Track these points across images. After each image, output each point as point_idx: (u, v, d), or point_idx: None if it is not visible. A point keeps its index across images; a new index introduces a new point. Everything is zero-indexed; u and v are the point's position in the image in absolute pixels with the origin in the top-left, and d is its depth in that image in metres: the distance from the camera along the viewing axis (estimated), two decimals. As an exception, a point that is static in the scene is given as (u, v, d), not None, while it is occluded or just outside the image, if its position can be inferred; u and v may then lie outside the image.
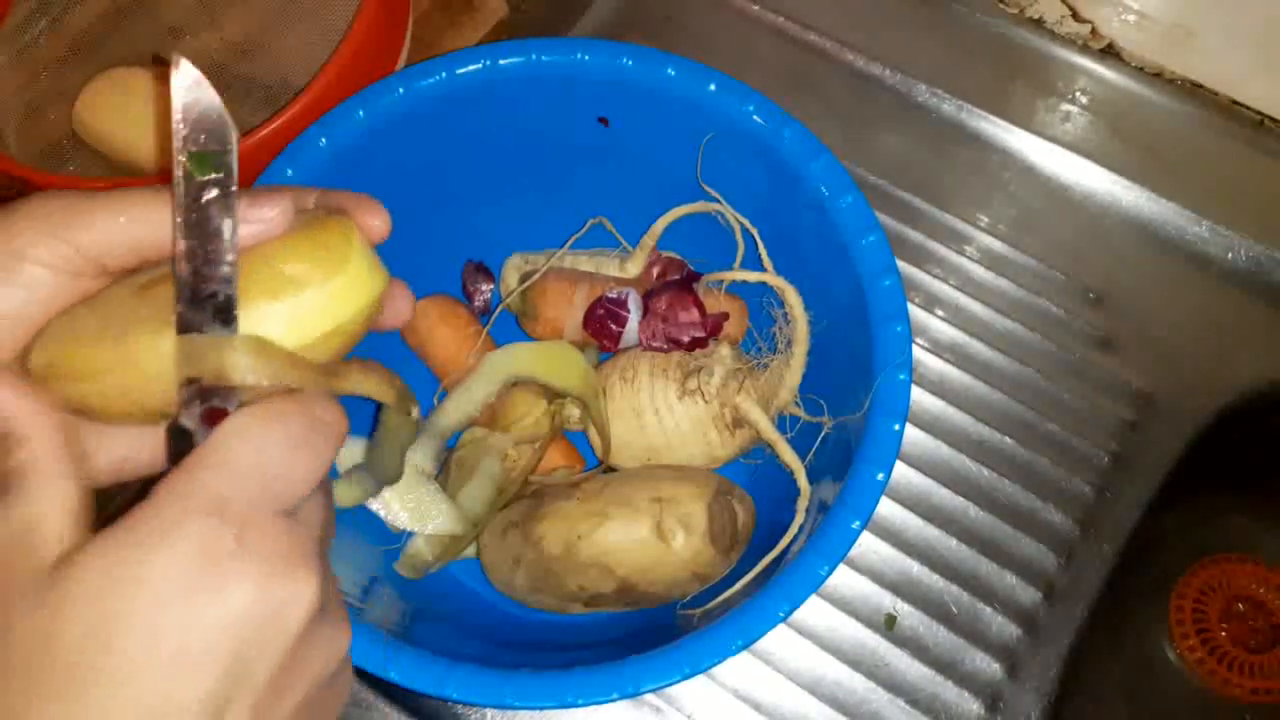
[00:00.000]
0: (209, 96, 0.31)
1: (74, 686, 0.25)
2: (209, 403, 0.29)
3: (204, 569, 0.26)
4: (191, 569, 0.26)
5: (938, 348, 0.64)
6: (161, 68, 0.59)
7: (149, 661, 0.26)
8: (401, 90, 0.50)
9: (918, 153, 0.69)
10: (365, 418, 0.55)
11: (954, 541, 0.60)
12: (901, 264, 0.65)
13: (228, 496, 0.28)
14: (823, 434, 0.49)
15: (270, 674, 0.28)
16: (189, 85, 0.31)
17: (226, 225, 0.30)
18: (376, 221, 0.35)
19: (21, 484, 0.27)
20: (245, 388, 0.30)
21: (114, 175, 0.60)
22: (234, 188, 0.30)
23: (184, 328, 0.29)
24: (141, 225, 0.30)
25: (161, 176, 0.56)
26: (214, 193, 0.30)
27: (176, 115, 0.30)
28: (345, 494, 0.51)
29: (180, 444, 0.29)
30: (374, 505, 0.54)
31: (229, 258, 0.30)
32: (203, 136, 0.30)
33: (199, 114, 0.30)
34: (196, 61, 0.32)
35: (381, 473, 0.42)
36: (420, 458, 0.55)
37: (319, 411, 0.30)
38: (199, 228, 0.30)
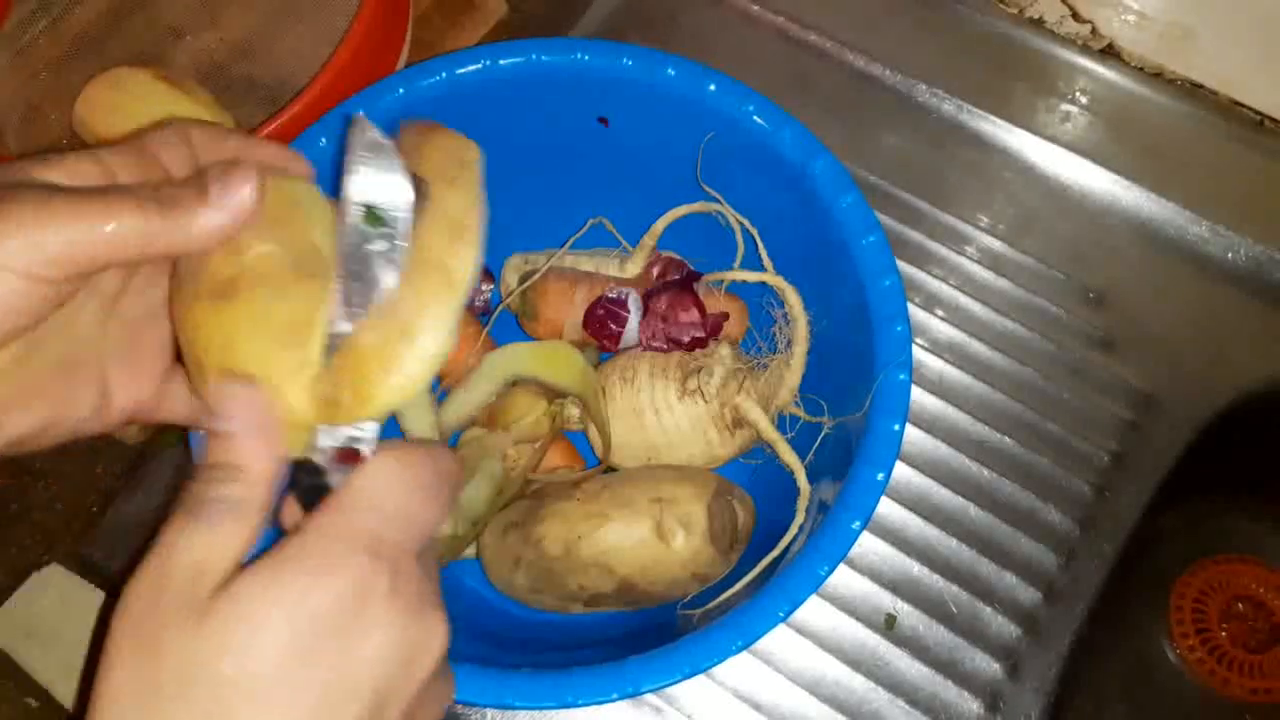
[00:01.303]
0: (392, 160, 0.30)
1: (222, 711, 0.26)
2: (343, 444, 0.30)
3: (359, 606, 0.27)
4: (347, 605, 0.27)
5: (938, 348, 0.64)
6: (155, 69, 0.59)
7: (298, 693, 0.27)
8: (401, 90, 0.50)
9: (918, 153, 0.69)
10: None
11: (954, 541, 0.60)
12: (901, 264, 0.65)
13: (382, 537, 0.29)
14: (823, 434, 0.49)
15: (401, 711, 0.29)
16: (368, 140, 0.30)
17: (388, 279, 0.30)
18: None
19: (219, 517, 0.28)
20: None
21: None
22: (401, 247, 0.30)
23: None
24: (94, 238, 0.29)
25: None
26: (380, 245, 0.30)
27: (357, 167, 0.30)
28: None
29: (311, 479, 0.30)
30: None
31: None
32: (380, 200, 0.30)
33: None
34: (196, 61, 0.32)
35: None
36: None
37: (445, 461, 0.32)
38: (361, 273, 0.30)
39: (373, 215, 0.30)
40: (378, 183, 0.30)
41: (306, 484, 0.30)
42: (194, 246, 0.30)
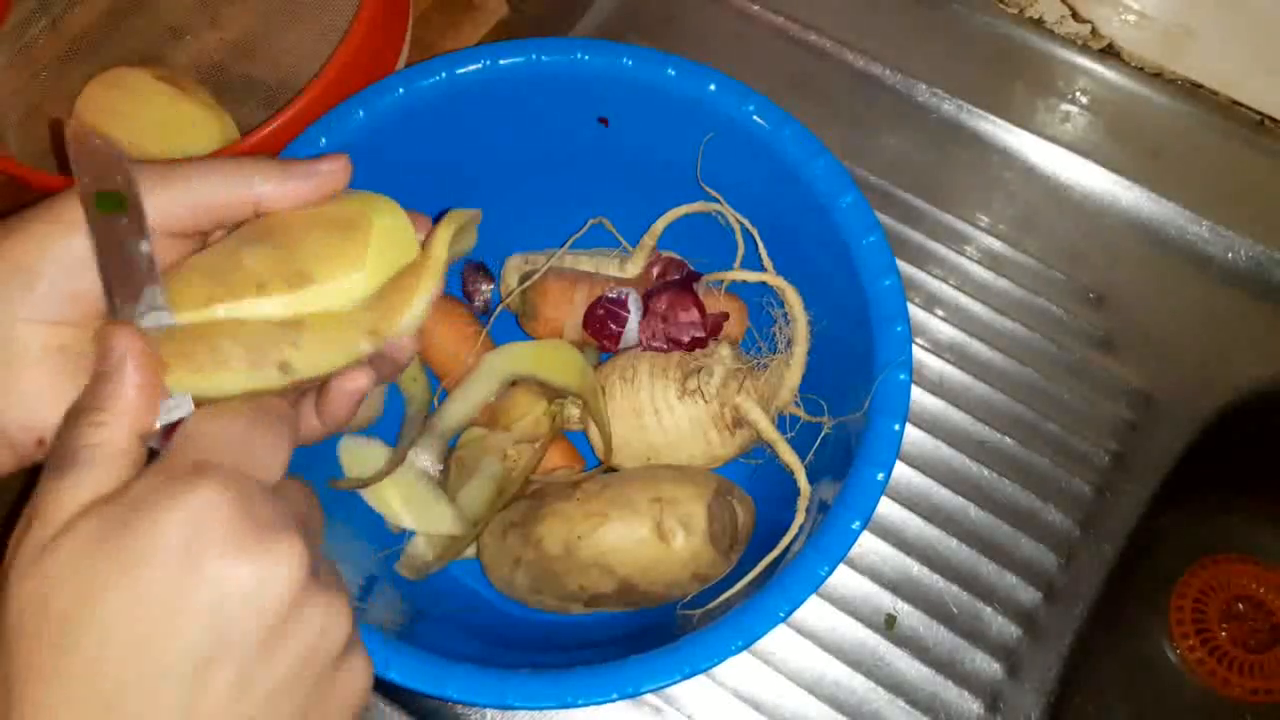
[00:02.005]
0: (98, 141, 0.33)
1: (62, 647, 0.26)
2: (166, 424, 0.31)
3: (190, 533, 0.27)
4: (176, 533, 0.27)
5: (938, 348, 0.64)
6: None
7: (134, 620, 0.26)
8: (401, 90, 0.50)
9: (918, 153, 0.69)
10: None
11: (954, 541, 0.60)
12: (901, 264, 0.65)
13: (211, 461, 0.29)
14: (823, 434, 0.49)
15: (258, 636, 0.28)
16: (79, 136, 0.32)
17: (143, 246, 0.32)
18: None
19: (70, 463, 0.28)
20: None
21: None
22: (143, 214, 0.32)
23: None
24: (226, 193, 0.34)
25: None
26: (123, 221, 0.32)
27: (76, 168, 0.32)
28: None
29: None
30: (375, 505, 0.54)
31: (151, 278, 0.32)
32: (104, 179, 0.32)
33: (95, 159, 0.32)
34: (196, 61, 0.34)
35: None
36: (421, 458, 0.55)
37: (266, 401, 0.33)
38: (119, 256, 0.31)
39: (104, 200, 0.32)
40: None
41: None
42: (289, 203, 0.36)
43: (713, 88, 0.50)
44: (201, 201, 0.34)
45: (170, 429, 0.31)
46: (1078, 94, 0.69)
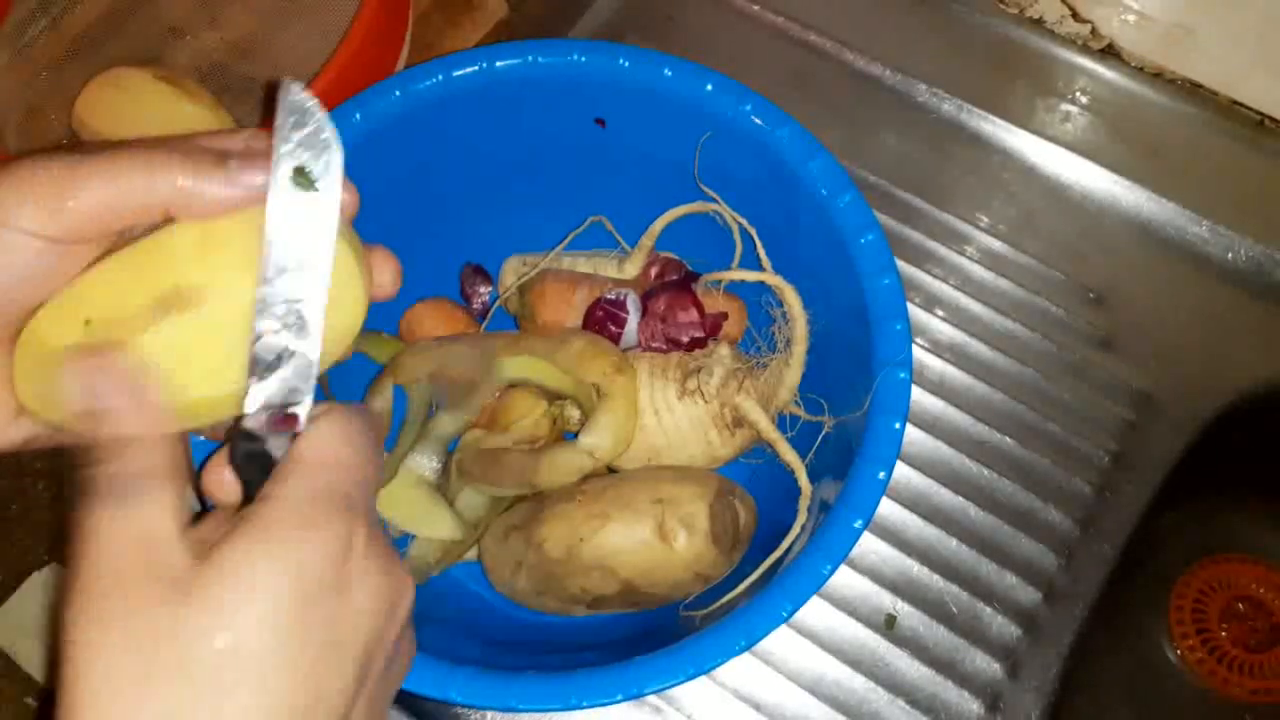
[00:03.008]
0: (319, 113, 0.31)
1: (227, 686, 0.26)
2: (276, 411, 0.30)
3: (343, 563, 0.28)
4: (334, 563, 0.27)
5: (938, 348, 0.64)
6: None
7: (296, 658, 0.26)
8: (398, 93, 0.50)
9: (918, 153, 0.69)
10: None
11: (954, 541, 0.60)
12: (901, 264, 0.65)
13: (350, 494, 0.29)
14: (823, 433, 0.49)
15: (385, 660, 0.30)
16: (298, 100, 0.31)
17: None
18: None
19: (136, 489, 0.27)
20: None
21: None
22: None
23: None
24: (131, 194, 0.29)
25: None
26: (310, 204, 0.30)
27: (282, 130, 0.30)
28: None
29: (247, 445, 0.30)
30: (376, 507, 0.54)
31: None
32: (308, 153, 0.30)
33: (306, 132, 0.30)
34: (196, 61, 0.33)
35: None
36: (421, 462, 0.55)
37: (372, 416, 0.33)
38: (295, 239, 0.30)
39: (302, 175, 0.30)
40: (305, 144, 0.30)
41: (244, 451, 0.30)
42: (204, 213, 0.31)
43: (710, 88, 0.50)
44: (104, 213, 0.29)
45: (281, 419, 0.30)
46: (1078, 94, 0.69)
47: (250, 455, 0.30)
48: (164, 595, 0.26)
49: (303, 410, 0.30)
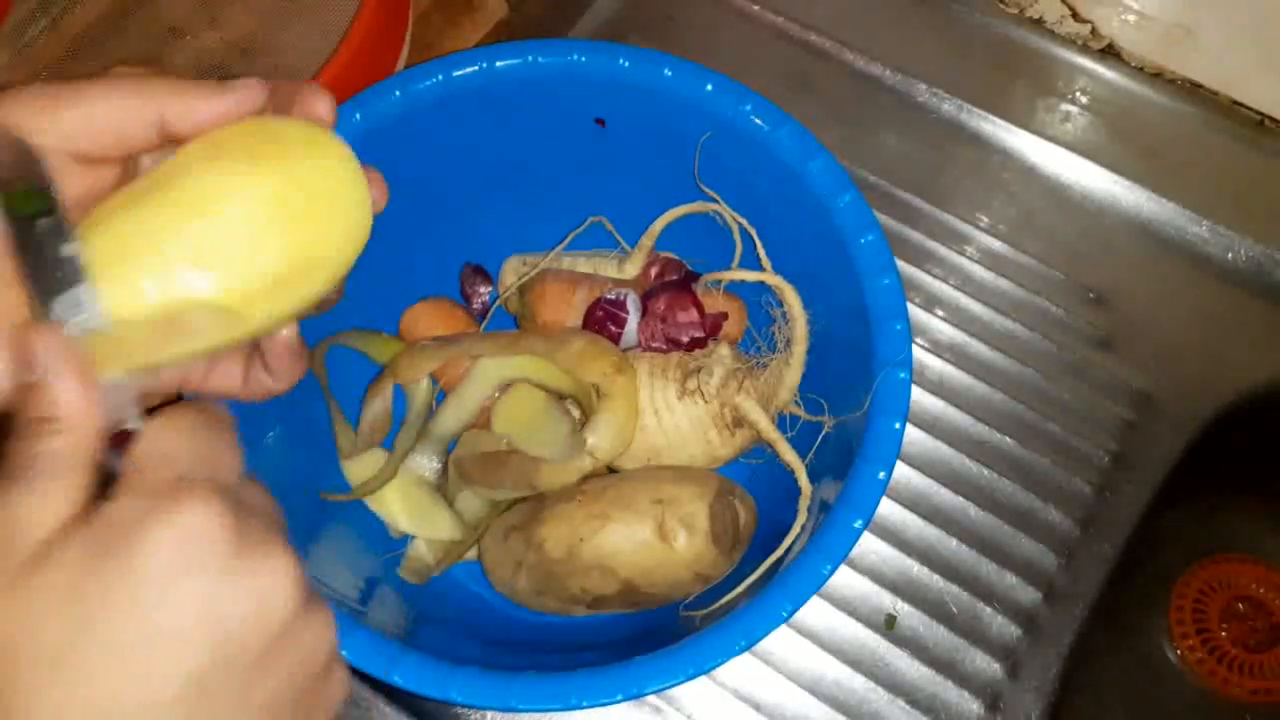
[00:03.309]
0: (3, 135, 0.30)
1: (58, 680, 0.25)
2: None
3: (184, 554, 0.26)
4: (169, 555, 0.26)
5: (938, 348, 0.64)
6: None
7: (133, 648, 0.25)
8: (398, 93, 0.50)
9: (918, 153, 0.69)
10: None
11: (954, 541, 0.60)
12: (901, 264, 0.65)
13: (191, 476, 0.28)
14: (823, 433, 0.49)
15: (257, 656, 0.27)
16: None
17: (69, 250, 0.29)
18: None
19: (37, 475, 0.27)
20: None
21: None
22: (61, 208, 0.29)
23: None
24: (126, 113, 0.30)
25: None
26: (43, 221, 0.29)
27: None
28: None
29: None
30: (376, 509, 0.54)
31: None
32: (16, 176, 0.29)
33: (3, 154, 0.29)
34: (196, 61, 0.33)
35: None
36: (420, 462, 0.55)
37: (208, 406, 0.31)
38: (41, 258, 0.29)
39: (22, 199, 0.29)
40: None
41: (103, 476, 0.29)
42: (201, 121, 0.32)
43: (710, 88, 0.50)
44: (102, 125, 0.30)
45: (116, 437, 0.29)
46: (1078, 94, 0.69)
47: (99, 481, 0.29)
48: (4, 589, 0.26)
49: (133, 423, 0.30)
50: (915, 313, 0.65)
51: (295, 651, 0.28)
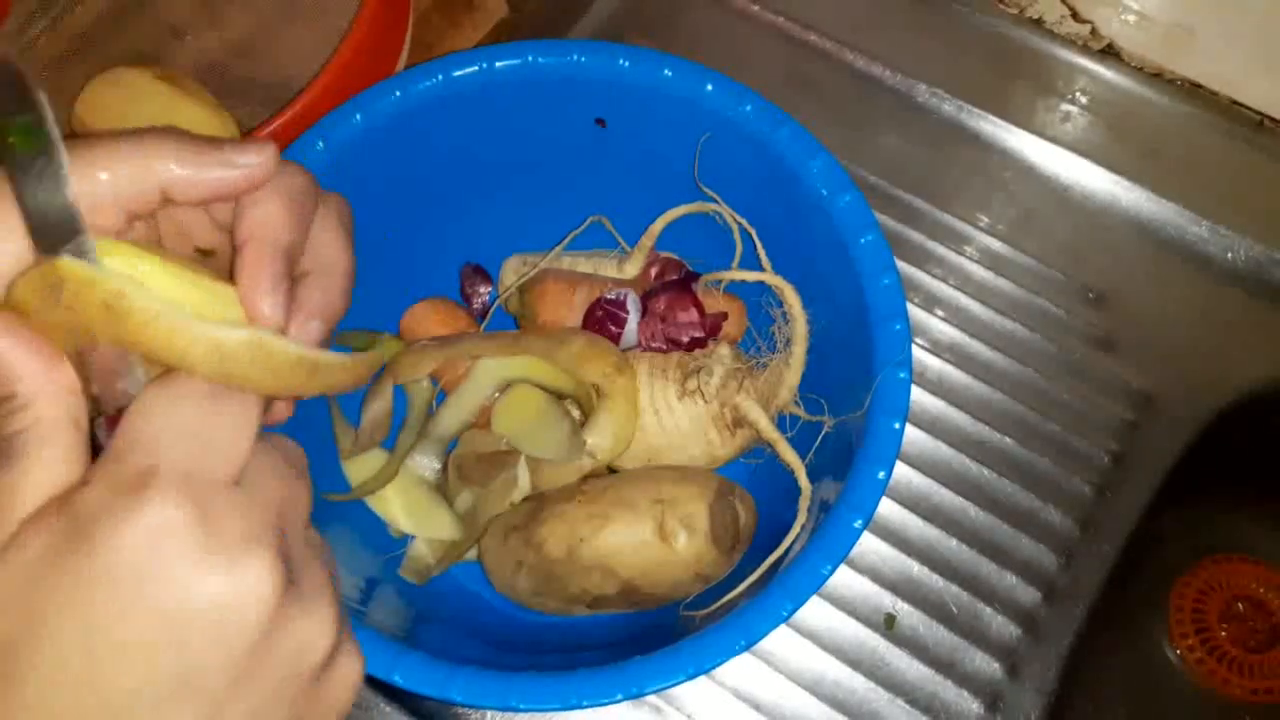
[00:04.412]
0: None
1: (8, 677, 0.24)
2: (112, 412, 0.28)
3: (144, 554, 0.24)
4: (129, 555, 0.24)
5: (938, 348, 0.64)
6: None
7: (87, 652, 0.24)
8: (398, 94, 0.50)
9: (918, 153, 0.69)
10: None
11: (954, 541, 0.60)
12: (901, 264, 0.65)
13: (161, 465, 0.25)
14: (823, 433, 0.49)
15: (228, 667, 0.25)
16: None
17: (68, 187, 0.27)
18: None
19: (15, 452, 0.26)
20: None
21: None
22: (60, 149, 0.28)
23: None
24: (130, 185, 0.29)
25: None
26: (41, 160, 0.27)
27: None
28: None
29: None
30: (376, 509, 0.54)
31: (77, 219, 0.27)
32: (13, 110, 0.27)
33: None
34: (196, 61, 0.32)
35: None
36: (420, 462, 0.55)
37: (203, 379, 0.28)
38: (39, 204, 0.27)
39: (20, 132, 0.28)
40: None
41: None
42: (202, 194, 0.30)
43: (710, 88, 0.50)
44: (104, 200, 0.28)
45: (114, 420, 0.27)
46: (1078, 94, 0.69)
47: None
48: None
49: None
50: (915, 313, 0.65)
51: (278, 659, 0.26)
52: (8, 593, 0.24)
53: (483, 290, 0.61)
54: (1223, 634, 0.65)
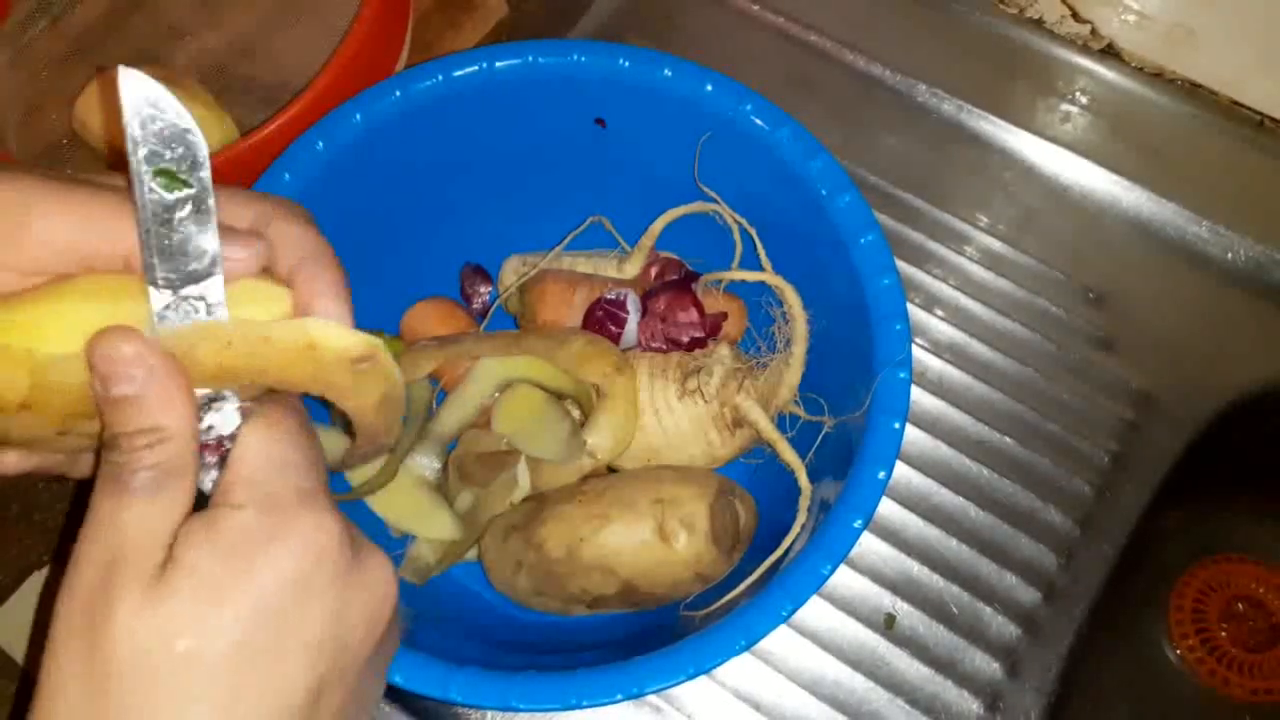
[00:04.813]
0: (170, 105, 0.27)
1: (190, 692, 0.26)
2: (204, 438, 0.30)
3: (309, 566, 0.28)
4: (297, 567, 0.27)
5: (938, 348, 0.64)
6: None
7: (263, 656, 0.27)
8: (398, 94, 0.50)
9: (918, 153, 0.69)
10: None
11: (954, 541, 0.60)
12: (901, 264, 0.65)
13: (306, 489, 0.29)
14: (823, 433, 0.49)
15: (366, 657, 0.30)
16: (145, 97, 0.27)
17: (208, 243, 0.28)
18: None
19: (154, 485, 0.27)
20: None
21: (112, 174, 0.60)
22: (211, 203, 0.28)
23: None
24: (99, 245, 0.29)
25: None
26: (188, 210, 0.28)
27: (133, 131, 0.27)
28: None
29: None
30: (376, 509, 0.54)
31: (214, 281, 0.29)
32: (168, 152, 0.27)
33: (162, 126, 0.27)
34: (196, 61, 0.32)
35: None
36: (420, 462, 0.55)
37: (293, 401, 0.31)
38: (174, 249, 0.28)
39: (167, 174, 0.28)
40: (162, 138, 0.27)
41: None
42: None
43: (710, 88, 0.50)
44: (66, 257, 0.29)
45: (210, 447, 0.30)
46: (1078, 94, 0.69)
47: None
48: (135, 597, 0.26)
49: (228, 430, 0.30)
50: (915, 313, 0.65)
51: (389, 648, 0.32)
52: (184, 609, 0.26)
53: (483, 290, 0.61)
54: (1223, 634, 0.65)
